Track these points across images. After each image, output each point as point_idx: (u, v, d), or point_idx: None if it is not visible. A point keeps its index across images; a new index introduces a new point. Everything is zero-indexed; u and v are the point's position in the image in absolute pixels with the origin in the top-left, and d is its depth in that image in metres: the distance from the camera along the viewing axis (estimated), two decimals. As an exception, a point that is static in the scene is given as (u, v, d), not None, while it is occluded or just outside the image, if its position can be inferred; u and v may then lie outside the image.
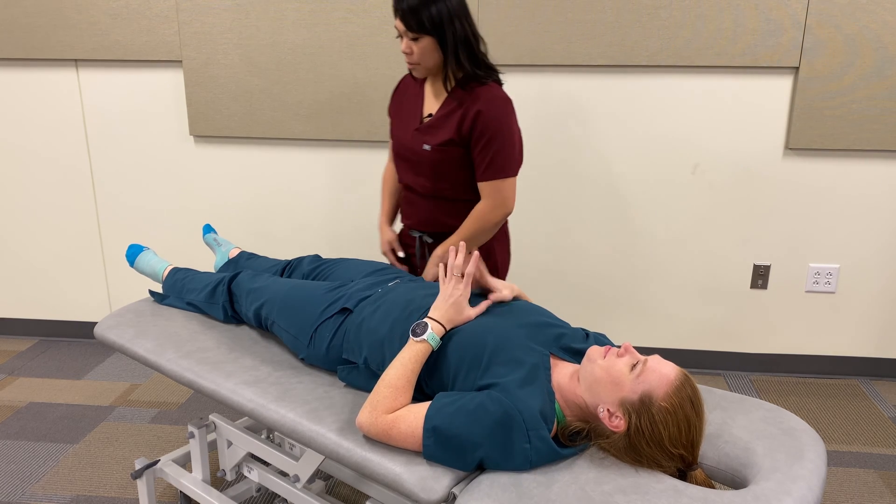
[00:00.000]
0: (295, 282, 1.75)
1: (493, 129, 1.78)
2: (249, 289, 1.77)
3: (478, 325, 1.38)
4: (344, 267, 1.82)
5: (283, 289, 1.71)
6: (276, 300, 1.69)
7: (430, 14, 1.71)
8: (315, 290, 1.67)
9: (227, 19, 2.64)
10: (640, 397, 1.20)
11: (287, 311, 1.65)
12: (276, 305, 1.68)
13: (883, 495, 2.13)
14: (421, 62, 1.79)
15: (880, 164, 2.60)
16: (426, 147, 1.86)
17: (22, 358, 2.99)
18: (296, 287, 1.70)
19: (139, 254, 2.05)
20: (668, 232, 2.75)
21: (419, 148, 1.88)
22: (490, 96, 1.79)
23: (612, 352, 1.26)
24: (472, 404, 1.23)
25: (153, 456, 2.29)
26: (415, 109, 1.93)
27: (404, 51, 1.78)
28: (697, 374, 2.88)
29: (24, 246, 3.06)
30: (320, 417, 1.39)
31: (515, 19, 2.54)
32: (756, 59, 2.50)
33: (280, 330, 1.66)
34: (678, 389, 1.19)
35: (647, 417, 1.19)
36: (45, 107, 2.87)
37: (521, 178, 2.73)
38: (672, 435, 1.19)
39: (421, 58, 1.78)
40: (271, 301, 1.69)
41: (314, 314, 1.60)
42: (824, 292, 2.77)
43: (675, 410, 1.18)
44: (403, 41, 1.77)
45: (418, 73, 1.83)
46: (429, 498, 1.19)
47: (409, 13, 1.71)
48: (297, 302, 1.65)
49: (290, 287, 1.71)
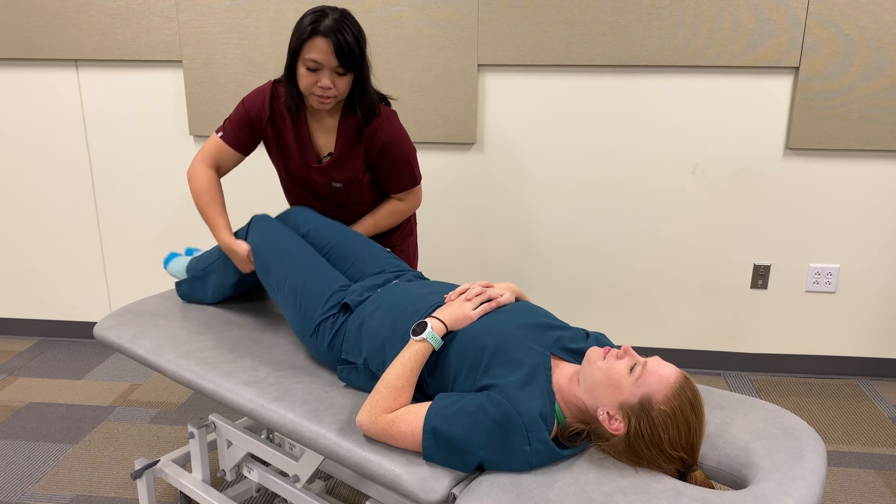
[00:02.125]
0: (311, 269, 1.68)
1: (400, 153, 1.88)
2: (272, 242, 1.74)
3: (478, 326, 1.38)
4: (360, 257, 1.79)
5: (300, 274, 1.66)
6: (286, 282, 1.66)
7: (361, 51, 1.70)
8: (325, 284, 1.65)
9: (227, 19, 2.64)
10: (639, 400, 1.19)
11: (295, 300, 1.64)
12: (286, 289, 1.66)
13: (883, 495, 2.13)
14: (339, 95, 1.74)
15: (880, 164, 2.60)
16: (336, 185, 1.89)
17: (22, 358, 2.99)
18: (310, 279, 1.66)
19: (172, 259, 2.06)
20: (668, 232, 2.75)
21: (328, 185, 1.90)
22: (387, 124, 1.84)
23: (611, 353, 1.26)
24: (471, 406, 1.23)
25: (153, 456, 2.29)
26: (305, 145, 1.87)
27: (324, 86, 1.69)
28: (697, 374, 2.88)
29: (24, 246, 3.06)
30: (320, 417, 1.39)
31: (515, 19, 2.54)
32: (756, 59, 2.50)
33: (286, 313, 1.67)
34: (678, 392, 1.19)
35: (647, 421, 1.18)
36: (45, 107, 2.87)
37: (521, 178, 2.73)
38: (672, 438, 1.18)
39: (342, 91, 1.73)
40: (281, 280, 1.67)
41: (318, 310, 1.60)
42: (824, 292, 2.77)
43: (675, 413, 1.18)
44: (323, 77, 1.68)
45: (328, 106, 1.75)
46: (429, 498, 1.19)
47: (347, 49, 1.65)
48: (307, 296, 1.63)
49: (305, 278, 1.65)
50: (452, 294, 1.46)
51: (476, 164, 2.74)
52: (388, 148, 1.86)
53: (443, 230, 2.83)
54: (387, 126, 1.84)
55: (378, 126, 1.83)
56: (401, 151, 1.88)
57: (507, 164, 2.73)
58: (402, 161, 1.90)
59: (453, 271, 2.88)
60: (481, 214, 2.80)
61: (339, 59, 1.66)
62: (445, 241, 2.85)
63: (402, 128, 1.89)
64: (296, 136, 1.86)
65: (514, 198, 2.76)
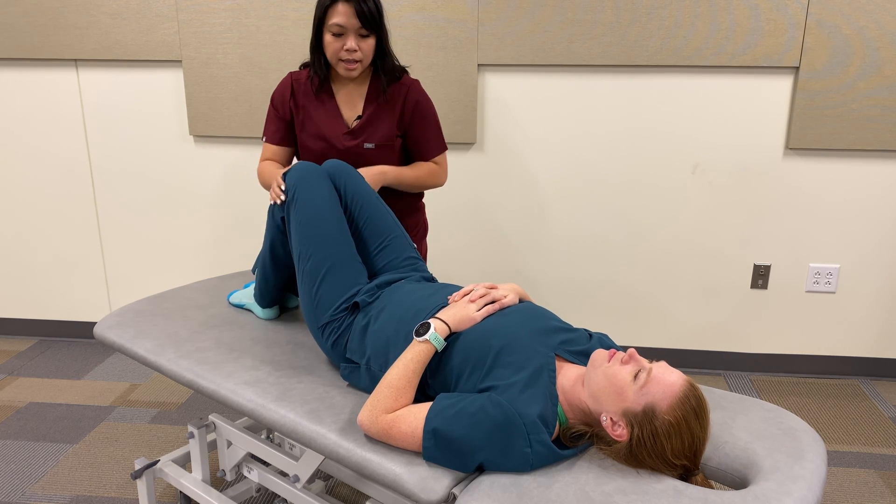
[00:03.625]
0: (336, 258, 1.63)
1: (431, 113, 1.98)
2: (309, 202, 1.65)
3: (482, 327, 1.38)
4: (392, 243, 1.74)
5: (324, 260, 1.61)
6: (307, 261, 1.61)
7: (380, 13, 1.80)
8: (345, 283, 1.61)
9: (227, 19, 2.64)
10: (643, 409, 1.18)
11: (311, 286, 1.60)
12: (306, 268, 1.61)
13: (883, 495, 2.13)
14: (364, 59, 1.82)
15: (880, 164, 2.60)
16: (368, 146, 1.93)
17: (22, 358, 2.99)
18: (331, 271, 1.61)
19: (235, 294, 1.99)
20: (669, 232, 2.75)
21: (360, 148, 1.93)
22: (417, 85, 1.96)
23: (616, 357, 1.25)
24: (472, 407, 1.23)
25: (153, 456, 2.29)
26: (332, 113, 1.94)
27: (349, 48, 1.78)
28: (697, 374, 2.88)
29: (24, 246, 3.06)
30: (320, 417, 1.38)
31: (515, 19, 2.54)
32: (756, 59, 2.50)
33: (300, 288, 1.64)
34: (682, 402, 1.18)
35: (650, 430, 1.18)
36: (45, 107, 2.87)
37: (521, 178, 2.73)
38: (675, 448, 1.18)
39: (367, 54, 1.82)
40: (303, 254, 1.62)
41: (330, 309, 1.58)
42: (824, 292, 2.77)
43: (679, 423, 1.17)
44: (348, 40, 1.78)
45: (356, 72, 1.85)
46: (429, 498, 1.19)
47: (367, 11, 1.75)
48: (324, 288, 1.60)
49: (328, 269, 1.60)
50: (456, 295, 1.46)
51: (476, 163, 2.74)
52: (421, 108, 1.96)
53: (443, 230, 2.83)
54: (417, 86, 1.96)
55: (409, 85, 1.95)
56: (431, 112, 1.99)
57: (506, 163, 2.73)
58: (434, 122, 2.00)
59: (454, 272, 2.88)
60: (481, 214, 2.80)
61: (360, 21, 1.75)
62: (446, 242, 2.85)
63: (426, 93, 1.99)
64: (324, 108, 1.94)
65: (515, 197, 2.76)
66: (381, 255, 1.72)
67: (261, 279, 1.83)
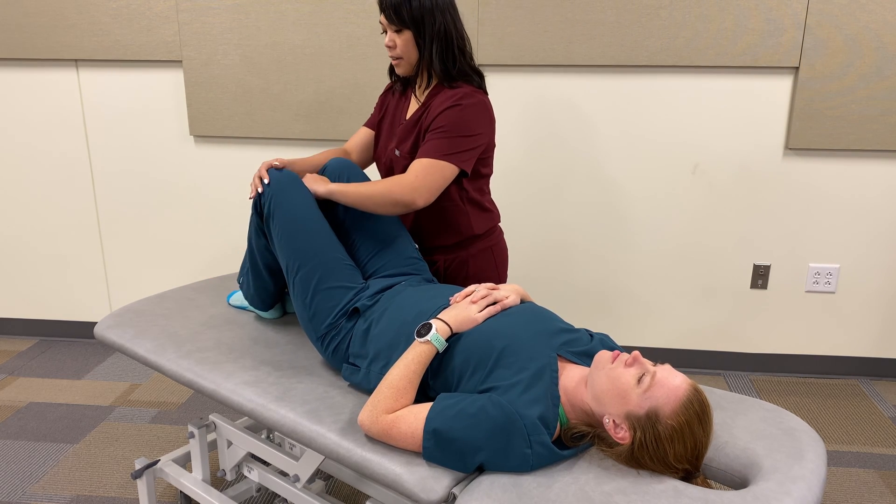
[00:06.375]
0: (326, 265, 1.60)
1: (450, 123, 1.69)
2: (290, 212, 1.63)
3: (484, 328, 1.38)
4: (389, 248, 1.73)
5: (315, 269, 1.59)
6: (297, 271, 1.60)
7: (412, 6, 1.69)
8: (340, 292, 1.60)
9: (227, 19, 2.64)
10: (646, 413, 1.18)
11: (304, 296, 1.59)
12: (296, 279, 1.60)
13: (883, 495, 2.13)
14: (404, 56, 1.77)
15: (880, 164, 2.60)
16: (397, 153, 1.84)
17: (22, 358, 2.99)
18: (324, 279, 1.59)
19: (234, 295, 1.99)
20: (668, 232, 2.75)
21: (392, 154, 1.86)
22: (462, 94, 1.70)
23: (620, 359, 1.24)
24: (473, 408, 1.23)
25: (153, 456, 2.29)
26: (396, 117, 1.90)
27: (387, 44, 1.76)
28: (697, 374, 2.88)
29: (24, 246, 3.06)
30: (320, 417, 1.39)
31: (515, 19, 2.54)
32: (756, 59, 2.50)
33: (294, 300, 1.63)
34: (686, 407, 1.17)
35: (653, 434, 1.17)
36: (45, 107, 2.87)
37: (521, 178, 2.73)
38: (677, 452, 1.18)
39: (404, 51, 1.76)
40: (290, 263, 1.61)
41: (328, 319, 1.58)
42: (824, 292, 2.77)
43: (682, 428, 1.17)
44: (387, 34, 1.75)
45: (402, 70, 1.80)
46: (429, 498, 1.19)
47: (390, 5, 1.70)
48: (318, 297, 1.58)
49: (320, 277, 1.59)
50: (458, 296, 1.46)
51: (476, 164, 2.74)
52: (444, 115, 1.70)
53: (443, 230, 2.83)
54: (461, 93, 1.71)
55: (453, 93, 1.72)
56: (453, 121, 1.68)
57: (506, 163, 2.72)
58: (445, 130, 1.69)
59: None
60: (481, 214, 2.80)
61: (387, 17, 1.72)
62: (445, 241, 2.84)
63: (478, 108, 1.71)
64: (395, 108, 1.91)
65: (514, 198, 2.76)
66: (380, 256, 1.72)
67: (258, 286, 1.81)
